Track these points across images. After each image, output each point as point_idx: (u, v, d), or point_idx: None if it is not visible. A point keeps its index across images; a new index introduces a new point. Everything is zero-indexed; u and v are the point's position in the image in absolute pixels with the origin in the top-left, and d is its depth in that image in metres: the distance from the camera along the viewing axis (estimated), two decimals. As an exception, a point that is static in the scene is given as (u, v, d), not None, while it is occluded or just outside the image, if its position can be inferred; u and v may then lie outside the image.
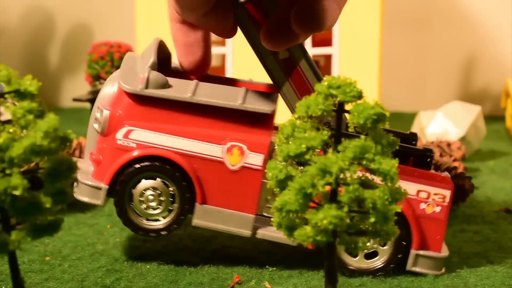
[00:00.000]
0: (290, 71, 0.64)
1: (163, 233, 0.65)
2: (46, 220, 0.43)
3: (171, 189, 0.64)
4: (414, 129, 1.28)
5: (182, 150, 0.63)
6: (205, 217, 0.64)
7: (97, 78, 1.25)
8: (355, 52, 1.26)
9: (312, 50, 1.31)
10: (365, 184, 0.46)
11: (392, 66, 1.76)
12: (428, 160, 0.63)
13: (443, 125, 1.20)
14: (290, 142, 0.47)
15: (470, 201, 0.90)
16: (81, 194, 0.65)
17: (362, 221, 0.47)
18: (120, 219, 0.65)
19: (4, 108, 0.44)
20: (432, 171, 0.64)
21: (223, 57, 1.45)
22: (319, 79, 0.63)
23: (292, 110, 0.64)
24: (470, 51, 1.80)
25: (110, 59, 1.23)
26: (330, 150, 0.46)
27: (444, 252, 0.64)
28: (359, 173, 0.51)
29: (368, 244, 0.47)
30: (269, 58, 0.64)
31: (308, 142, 0.46)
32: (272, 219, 0.60)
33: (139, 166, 0.63)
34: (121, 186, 0.63)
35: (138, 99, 0.63)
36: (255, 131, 0.64)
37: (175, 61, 0.70)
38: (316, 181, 0.44)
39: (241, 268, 0.65)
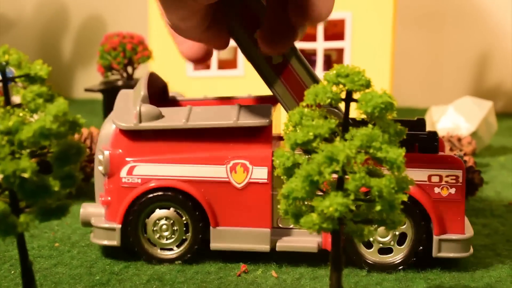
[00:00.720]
0: (284, 73, 0.64)
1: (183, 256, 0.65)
2: (54, 204, 0.44)
3: (184, 218, 0.65)
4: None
5: (186, 177, 0.64)
6: (222, 239, 0.64)
7: (109, 69, 1.25)
8: (367, 46, 1.26)
9: (324, 44, 1.31)
10: (372, 173, 0.46)
11: (406, 61, 1.76)
12: (435, 144, 0.63)
13: (454, 120, 1.19)
14: (298, 130, 0.47)
15: (479, 195, 0.90)
16: (97, 238, 0.66)
17: (369, 209, 0.47)
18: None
19: (15, 92, 0.44)
20: (441, 153, 0.64)
21: (235, 50, 1.45)
22: (313, 79, 0.63)
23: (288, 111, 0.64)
24: (483, 47, 1.79)
25: (122, 49, 1.23)
26: (338, 139, 0.46)
27: (469, 232, 0.63)
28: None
29: (373, 231, 0.47)
30: (264, 65, 0.64)
31: (315, 130, 0.46)
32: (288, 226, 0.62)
33: (147, 198, 0.64)
34: (131, 223, 0.64)
35: (135, 134, 0.65)
36: (255, 146, 0.64)
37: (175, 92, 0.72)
38: (323, 169, 0.44)
39: (249, 257, 0.65)
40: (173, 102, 0.76)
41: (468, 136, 1.10)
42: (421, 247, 0.62)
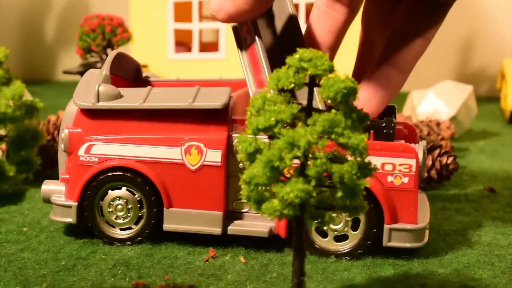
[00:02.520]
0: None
1: (136, 240, 0.65)
2: (11, 189, 0.43)
3: (137, 196, 0.65)
4: (406, 108, 1.27)
5: (142, 157, 0.64)
6: (175, 221, 0.64)
7: (88, 51, 1.24)
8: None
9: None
10: (334, 158, 0.46)
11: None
12: (391, 131, 0.61)
13: (434, 104, 1.19)
14: (260, 115, 0.46)
15: (455, 179, 0.90)
16: (55, 215, 0.66)
17: (332, 195, 0.46)
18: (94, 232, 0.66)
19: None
20: (396, 141, 0.62)
21: (216, 32, 1.44)
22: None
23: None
24: (467, 31, 1.79)
25: (101, 31, 1.22)
26: (300, 124, 0.45)
27: (422, 222, 0.62)
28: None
29: (335, 217, 0.47)
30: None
31: (277, 115, 0.45)
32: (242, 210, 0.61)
33: (103, 178, 0.64)
34: (88, 200, 0.65)
35: (93, 113, 0.65)
36: (210, 128, 0.64)
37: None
38: (284, 155, 0.44)
39: (218, 243, 0.65)
40: (145, 83, 0.76)
41: (447, 121, 1.10)
42: (371, 239, 0.61)
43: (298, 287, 0.47)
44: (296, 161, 0.45)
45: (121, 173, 0.64)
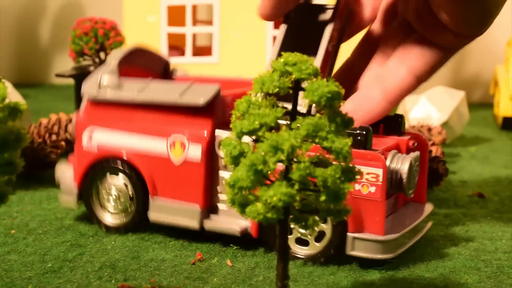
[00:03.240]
0: None
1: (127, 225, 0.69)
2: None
3: (129, 187, 0.69)
4: (398, 113, 1.27)
5: (134, 147, 0.67)
6: (158, 210, 0.67)
7: (80, 54, 1.24)
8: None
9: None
10: (318, 162, 0.46)
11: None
12: (363, 139, 0.59)
13: (426, 109, 1.20)
14: (245, 119, 0.46)
15: (445, 185, 0.90)
16: (62, 196, 0.71)
17: (316, 199, 0.46)
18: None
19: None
20: (365, 151, 0.59)
21: (210, 36, 1.44)
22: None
23: None
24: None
25: (94, 35, 1.22)
26: (284, 128, 0.46)
27: (391, 233, 0.60)
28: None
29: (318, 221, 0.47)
30: None
31: (261, 118, 0.45)
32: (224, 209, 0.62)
33: (98, 165, 0.69)
34: (86, 186, 0.70)
35: (96, 103, 0.69)
36: (194, 124, 0.65)
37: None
38: (267, 158, 0.44)
39: (206, 246, 0.65)
40: (171, 77, 0.81)
41: (438, 126, 1.10)
42: (334, 247, 0.60)
43: (282, 291, 0.47)
44: (281, 165, 0.45)
45: (114, 163, 0.68)
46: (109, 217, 0.69)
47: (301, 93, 0.46)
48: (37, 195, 0.81)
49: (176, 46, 1.47)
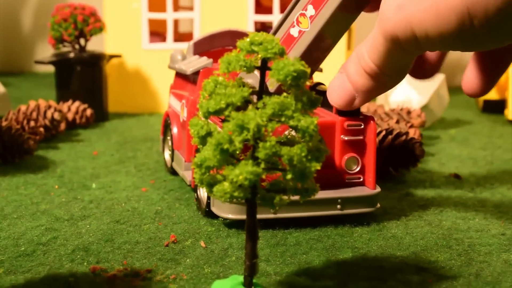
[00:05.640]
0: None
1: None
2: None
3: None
4: (379, 96, 1.28)
5: (172, 107, 0.87)
6: (176, 162, 0.82)
7: (60, 41, 1.23)
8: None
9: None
10: (284, 141, 0.46)
11: (365, 34, 1.75)
12: None
13: (406, 92, 1.20)
14: (211, 98, 0.46)
15: (422, 166, 0.90)
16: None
17: (283, 178, 0.47)
18: None
19: None
20: None
21: (191, 21, 1.44)
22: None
23: None
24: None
25: (73, 21, 1.21)
26: (250, 107, 0.46)
27: None
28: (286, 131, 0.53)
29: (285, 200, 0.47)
30: None
31: (227, 98, 0.45)
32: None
33: (167, 121, 0.88)
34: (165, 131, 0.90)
35: (175, 72, 0.92)
36: (189, 91, 0.79)
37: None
38: (233, 137, 0.44)
39: (181, 228, 0.65)
40: None
41: (418, 109, 1.11)
42: None
43: (250, 269, 0.47)
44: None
45: (168, 119, 0.87)
46: (167, 155, 0.87)
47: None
48: (14, 181, 0.81)
49: (158, 32, 1.47)
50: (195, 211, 0.70)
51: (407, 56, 0.51)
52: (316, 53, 0.61)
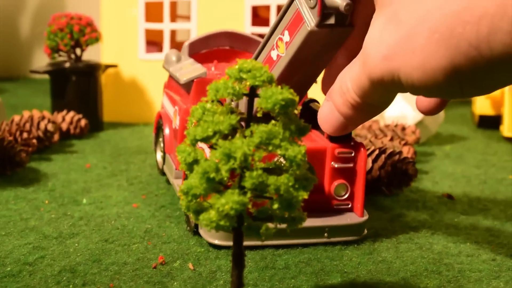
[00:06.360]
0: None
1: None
2: None
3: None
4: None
5: (165, 109, 0.87)
6: (167, 165, 0.84)
7: (56, 50, 1.23)
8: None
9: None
10: (272, 170, 0.46)
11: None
12: None
13: (401, 108, 1.20)
14: (199, 125, 0.46)
15: (416, 185, 0.90)
16: None
17: (270, 206, 0.46)
18: None
19: None
20: None
21: (188, 32, 1.44)
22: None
23: None
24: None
25: (69, 31, 1.21)
26: (238, 135, 0.45)
27: None
28: (275, 158, 0.53)
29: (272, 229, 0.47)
30: None
31: (215, 126, 0.45)
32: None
33: (159, 122, 0.89)
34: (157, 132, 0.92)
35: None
36: (182, 98, 0.80)
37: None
38: (220, 166, 0.44)
39: (170, 249, 0.65)
40: None
41: (412, 126, 1.10)
42: None
43: (236, 298, 0.47)
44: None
45: (160, 120, 0.88)
46: (159, 156, 0.89)
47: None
48: (4, 195, 0.81)
49: (155, 42, 1.46)
50: (185, 230, 0.70)
51: (393, 93, 0.51)
52: (298, 77, 0.60)
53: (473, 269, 0.62)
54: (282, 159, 0.47)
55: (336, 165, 0.66)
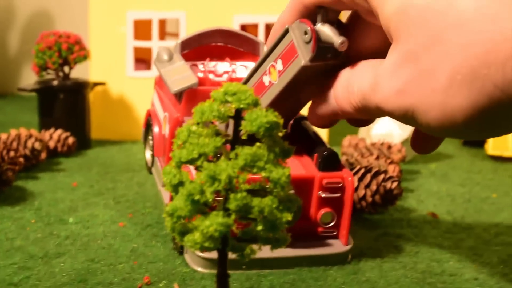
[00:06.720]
0: None
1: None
2: None
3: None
4: (362, 130, 1.29)
5: (155, 110, 0.85)
6: (155, 169, 0.81)
7: (44, 69, 1.23)
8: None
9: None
10: (256, 192, 0.46)
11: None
12: None
13: (388, 126, 1.21)
14: (185, 148, 0.47)
15: (401, 204, 0.91)
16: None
17: (255, 228, 0.47)
18: None
19: None
20: None
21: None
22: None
23: None
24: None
25: (57, 49, 1.22)
26: (222, 157, 0.46)
27: None
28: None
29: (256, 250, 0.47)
30: None
31: (200, 148, 0.46)
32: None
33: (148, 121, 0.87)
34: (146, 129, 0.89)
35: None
36: (174, 106, 0.77)
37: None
38: (205, 188, 0.44)
39: (156, 269, 0.65)
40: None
41: (398, 144, 1.11)
42: None
43: (220, 319, 0.47)
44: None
45: (149, 120, 0.85)
46: (148, 155, 0.86)
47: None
48: (-10, 215, 0.81)
49: (143, 59, 1.47)
50: (171, 249, 0.70)
51: None
52: (289, 103, 0.61)
53: (456, 289, 0.62)
54: (266, 181, 0.47)
55: (323, 195, 0.67)
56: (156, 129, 0.83)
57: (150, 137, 0.86)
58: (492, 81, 0.40)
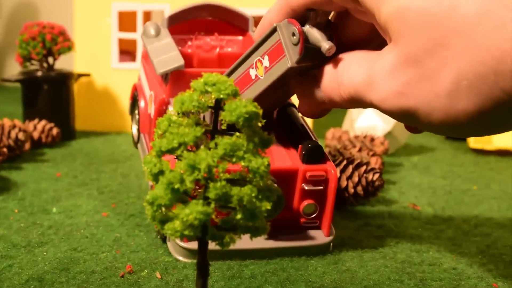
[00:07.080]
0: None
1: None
2: None
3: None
4: (345, 122, 1.29)
5: (142, 87, 0.85)
6: (140, 144, 0.82)
7: (28, 59, 1.23)
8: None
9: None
10: (236, 181, 0.47)
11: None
12: None
13: (371, 119, 1.22)
14: (165, 137, 0.47)
15: (382, 196, 0.92)
16: None
17: (234, 217, 0.47)
18: None
19: None
20: None
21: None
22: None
23: None
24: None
25: (41, 40, 1.21)
26: (202, 147, 0.46)
27: None
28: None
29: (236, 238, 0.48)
30: None
31: (180, 138, 0.46)
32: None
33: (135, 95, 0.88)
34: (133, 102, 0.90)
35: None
36: (161, 87, 0.76)
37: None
38: (185, 177, 0.45)
39: (138, 257, 0.65)
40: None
41: (381, 137, 1.12)
42: None
43: (200, 307, 0.48)
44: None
45: (135, 95, 0.86)
46: (135, 129, 0.86)
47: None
48: (-27, 205, 0.81)
49: (128, 51, 1.47)
50: (154, 238, 0.71)
51: None
52: (274, 96, 0.61)
53: (435, 278, 0.63)
54: (246, 171, 0.48)
55: (306, 187, 0.67)
56: (142, 103, 0.83)
57: (136, 112, 0.86)
58: (500, 87, 0.41)
